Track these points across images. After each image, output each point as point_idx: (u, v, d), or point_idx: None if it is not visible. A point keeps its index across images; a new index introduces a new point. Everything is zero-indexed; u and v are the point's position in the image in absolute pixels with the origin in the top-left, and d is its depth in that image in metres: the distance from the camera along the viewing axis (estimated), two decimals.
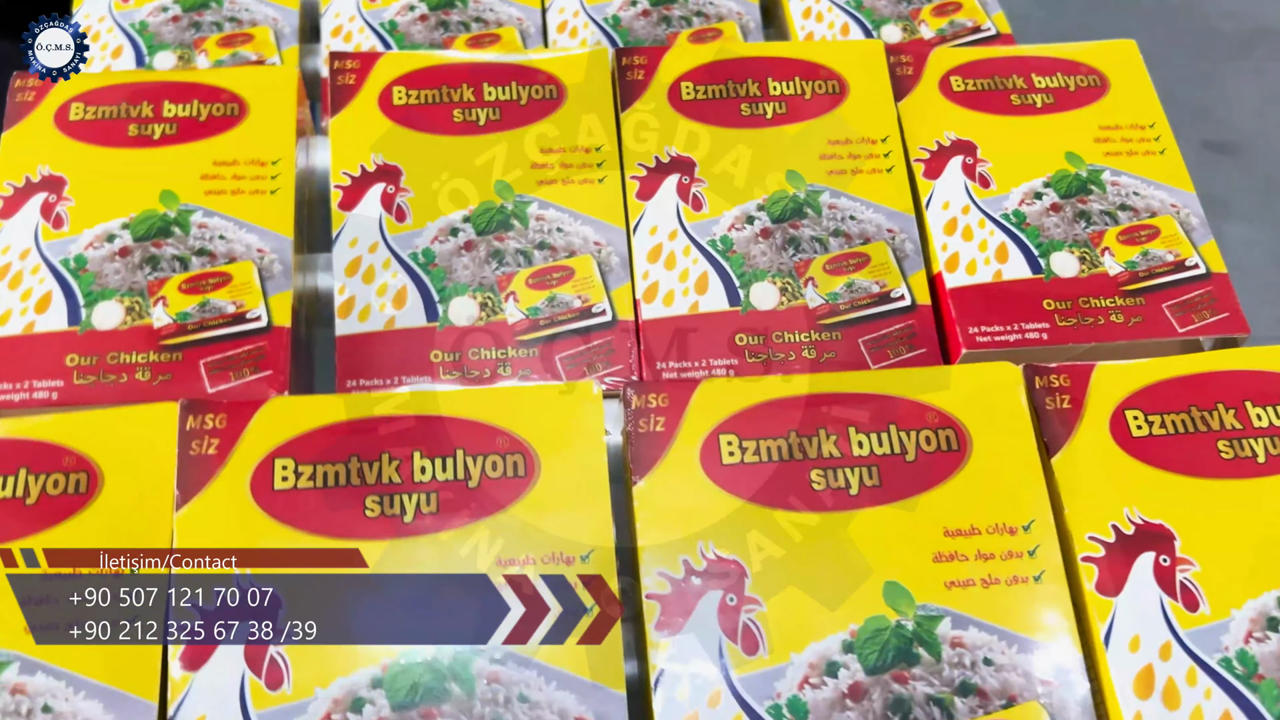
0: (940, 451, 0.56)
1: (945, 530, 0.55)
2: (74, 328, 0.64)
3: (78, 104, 0.70)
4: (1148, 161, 0.73)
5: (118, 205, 0.67)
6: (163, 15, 0.86)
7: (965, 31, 0.89)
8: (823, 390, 0.58)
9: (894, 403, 0.57)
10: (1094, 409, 0.58)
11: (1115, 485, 0.56)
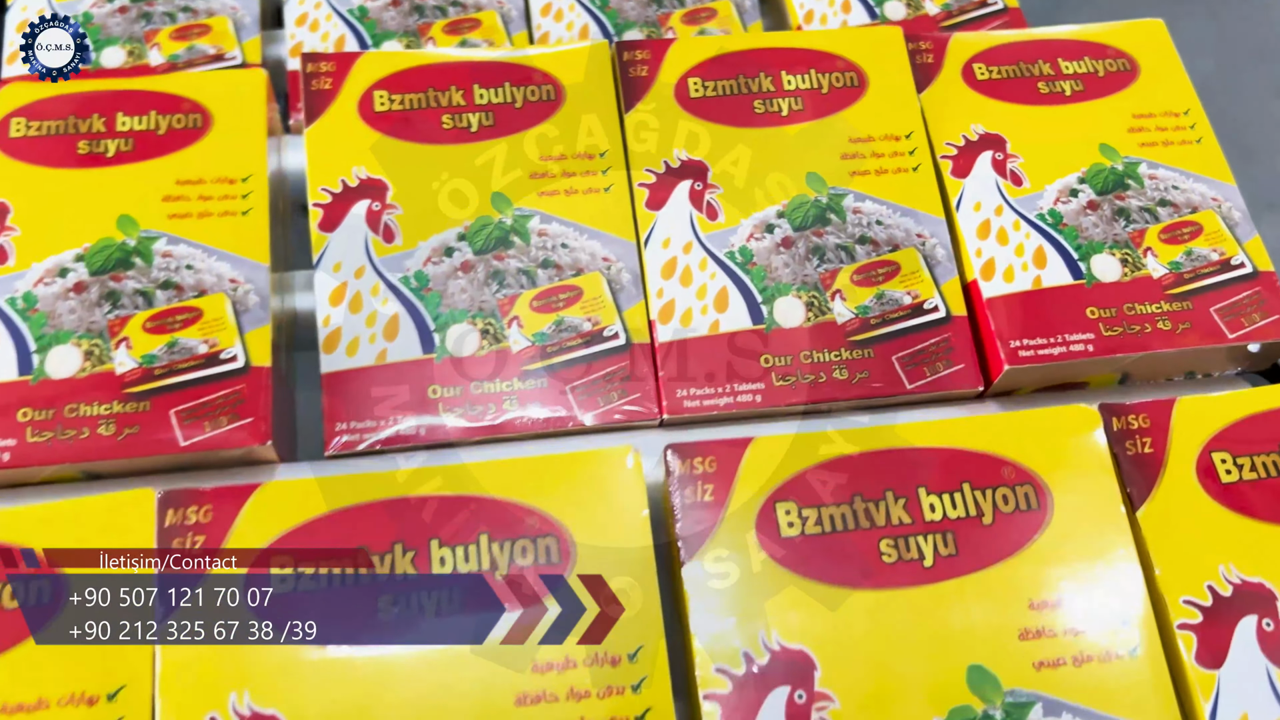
0: (1019, 511, 0.51)
1: (1031, 603, 0.50)
2: (25, 377, 0.56)
3: (18, 119, 0.62)
4: (1184, 151, 0.68)
5: (70, 234, 0.60)
6: (108, 6, 0.78)
7: (972, 5, 0.84)
8: (886, 445, 0.52)
9: (965, 457, 0.52)
10: (1178, 453, 0.53)
11: (1208, 540, 0.51)
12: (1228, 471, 0.52)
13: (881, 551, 0.51)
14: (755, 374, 0.61)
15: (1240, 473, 0.52)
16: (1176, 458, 0.52)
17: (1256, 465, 0.52)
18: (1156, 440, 0.53)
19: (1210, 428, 0.53)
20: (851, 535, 0.51)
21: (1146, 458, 0.52)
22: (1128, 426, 0.53)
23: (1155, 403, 0.54)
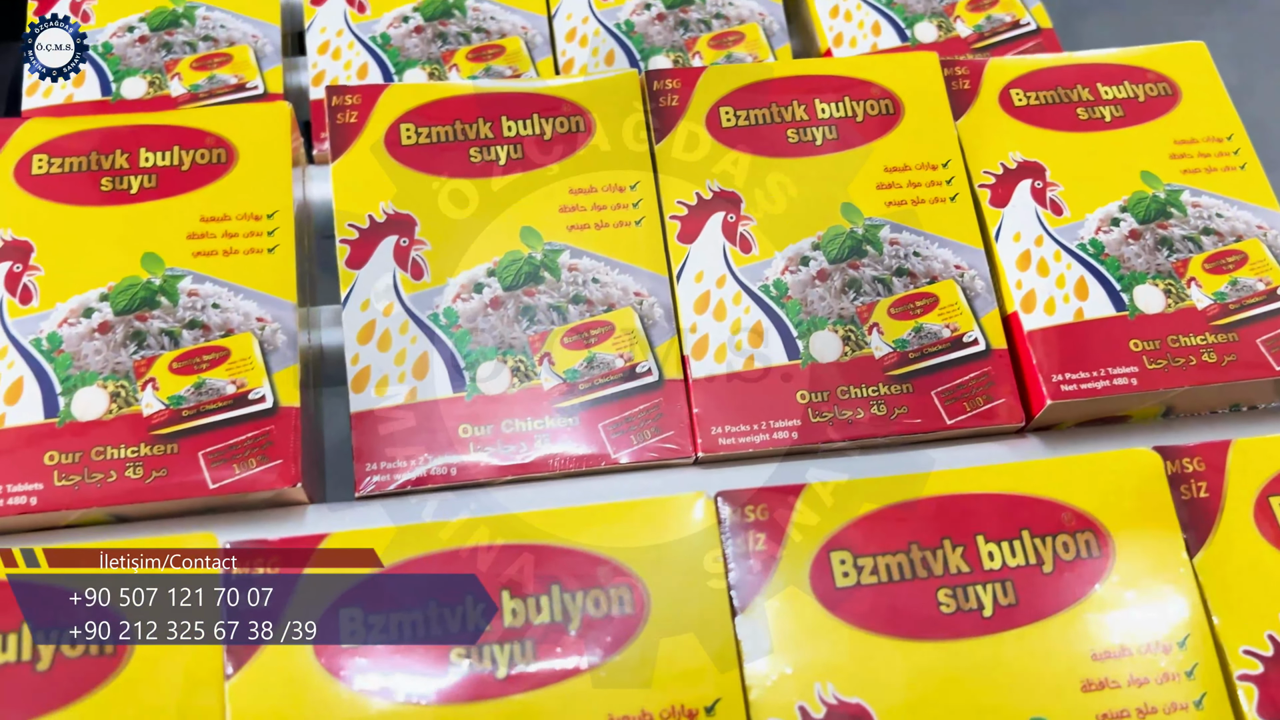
0: (1080, 559, 0.50)
1: (1093, 653, 0.48)
2: (51, 420, 0.56)
3: (40, 155, 0.61)
4: (1228, 178, 0.67)
5: (94, 273, 0.59)
6: (129, 36, 0.78)
7: (1004, 27, 0.82)
8: (943, 491, 0.51)
9: (1023, 503, 0.51)
10: (1234, 497, 0.51)
11: (1268, 587, 0.49)
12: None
13: (940, 601, 0.49)
14: (792, 410, 0.60)
15: None
16: (1233, 502, 0.51)
17: None
18: (1212, 484, 0.51)
19: (1267, 470, 0.52)
20: (908, 585, 0.49)
21: (1202, 502, 0.51)
22: (1182, 470, 0.52)
23: (1210, 445, 0.52)
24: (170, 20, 0.78)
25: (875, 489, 0.51)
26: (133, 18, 0.78)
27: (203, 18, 0.79)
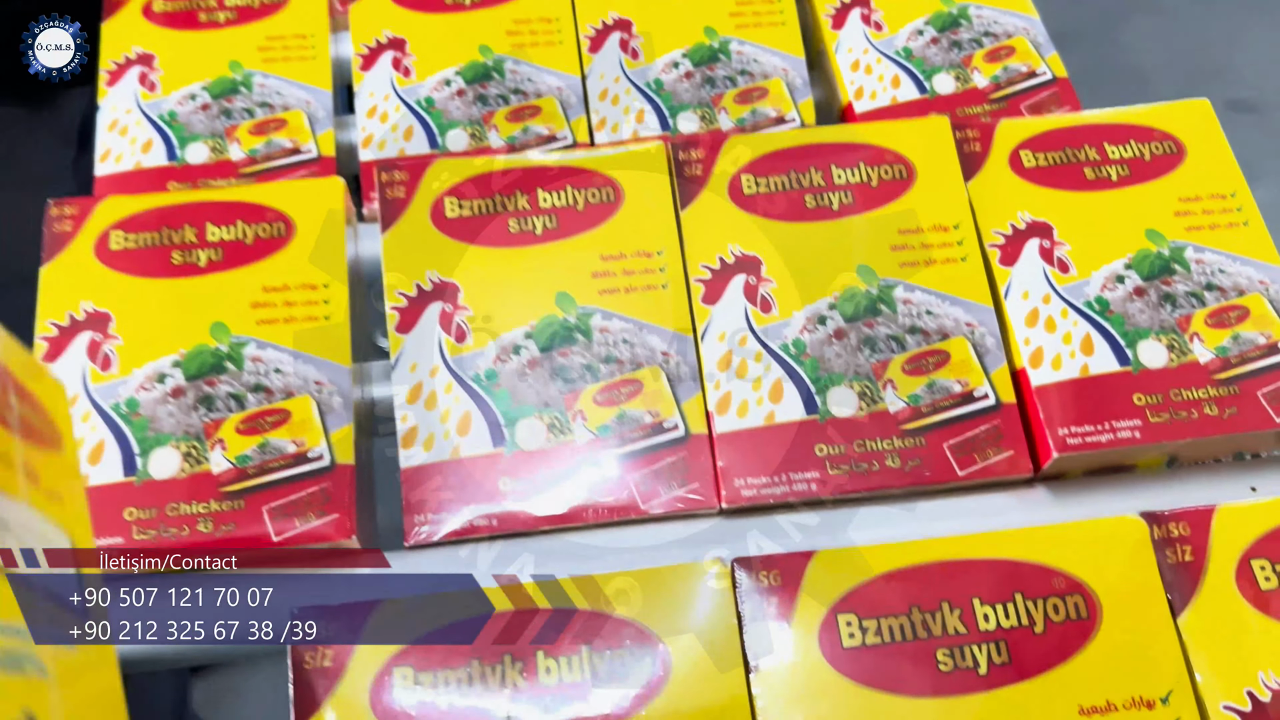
0: (1070, 621, 0.54)
1: (1080, 708, 0.52)
2: (130, 478, 0.61)
3: (117, 232, 0.67)
4: (1231, 234, 0.70)
5: (167, 341, 0.64)
6: (191, 104, 0.83)
7: (1020, 77, 0.86)
8: (943, 557, 0.55)
9: (1017, 568, 0.54)
10: (1217, 560, 0.55)
11: (1248, 646, 0.53)
12: (1267, 579, 0.54)
13: (938, 661, 0.53)
14: (811, 463, 0.64)
15: (1279, 579, 0.54)
16: (1216, 565, 0.54)
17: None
18: (1197, 548, 0.55)
19: (1249, 535, 0.55)
20: (910, 646, 0.53)
21: (1187, 565, 0.54)
22: (1169, 534, 0.55)
23: (1195, 511, 0.56)
24: (230, 88, 0.83)
25: (879, 556, 0.55)
26: (195, 86, 0.84)
27: (259, 85, 0.84)
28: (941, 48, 0.87)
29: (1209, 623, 0.53)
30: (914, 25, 0.88)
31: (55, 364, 0.63)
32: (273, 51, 0.85)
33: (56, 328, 0.64)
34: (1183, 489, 0.66)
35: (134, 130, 0.82)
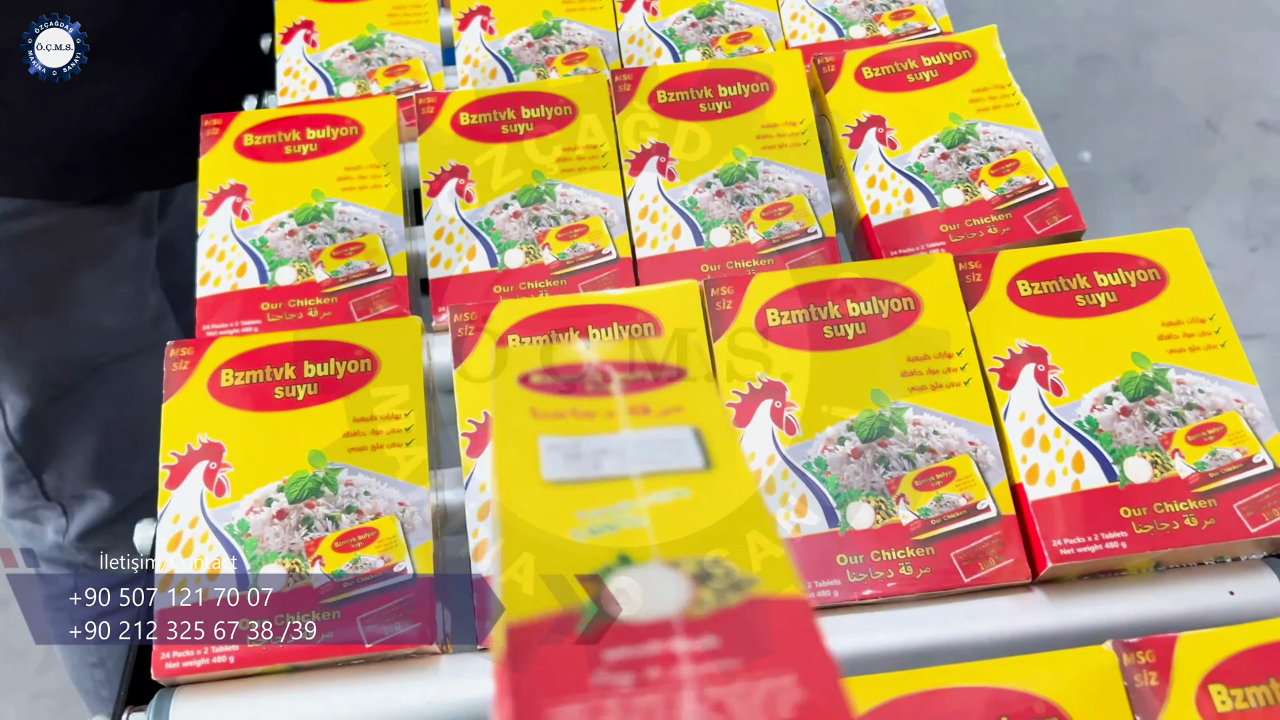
0: None
1: None
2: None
3: (227, 370, 0.76)
4: (1210, 356, 0.78)
5: (272, 469, 0.74)
6: (280, 230, 0.93)
7: (1024, 189, 0.94)
8: (934, 686, 0.62)
9: (1002, 695, 0.62)
10: (1179, 685, 0.62)
11: None
12: (1223, 702, 0.62)
13: None
14: (832, 572, 0.73)
15: (1234, 703, 0.62)
16: (1178, 690, 0.62)
17: (1249, 696, 0.62)
18: (1161, 673, 0.63)
19: (1208, 662, 0.63)
20: None
21: (1153, 690, 0.62)
22: (1136, 661, 0.63)
23: (1159, 639, 0.64)
24: (313, 215, 0.93)
25: (875, 686, 0.62)
26: (283, 214, 0.94)
27: (339, 212, 0.94)
28: (950, 163, 0.96)
29: None
30: (925, 143, 0.97)
31: (177, 490, 0.73)
32: (350, 180, 0.95)
33: (177, 457, 0.74)
34: (1167, 593, 0.74)
35: (230, 255, 0.92)
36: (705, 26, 1.14)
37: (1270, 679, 0.62)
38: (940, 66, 1.01)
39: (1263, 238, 2.41)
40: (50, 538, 1.37)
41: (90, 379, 1.26)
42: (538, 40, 1.13)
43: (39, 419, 1.26)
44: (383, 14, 1.15)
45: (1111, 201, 2.47)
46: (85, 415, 1.27)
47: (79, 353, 1.24)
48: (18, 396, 1.24)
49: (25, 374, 1.23)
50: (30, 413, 1.25)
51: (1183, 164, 2.56)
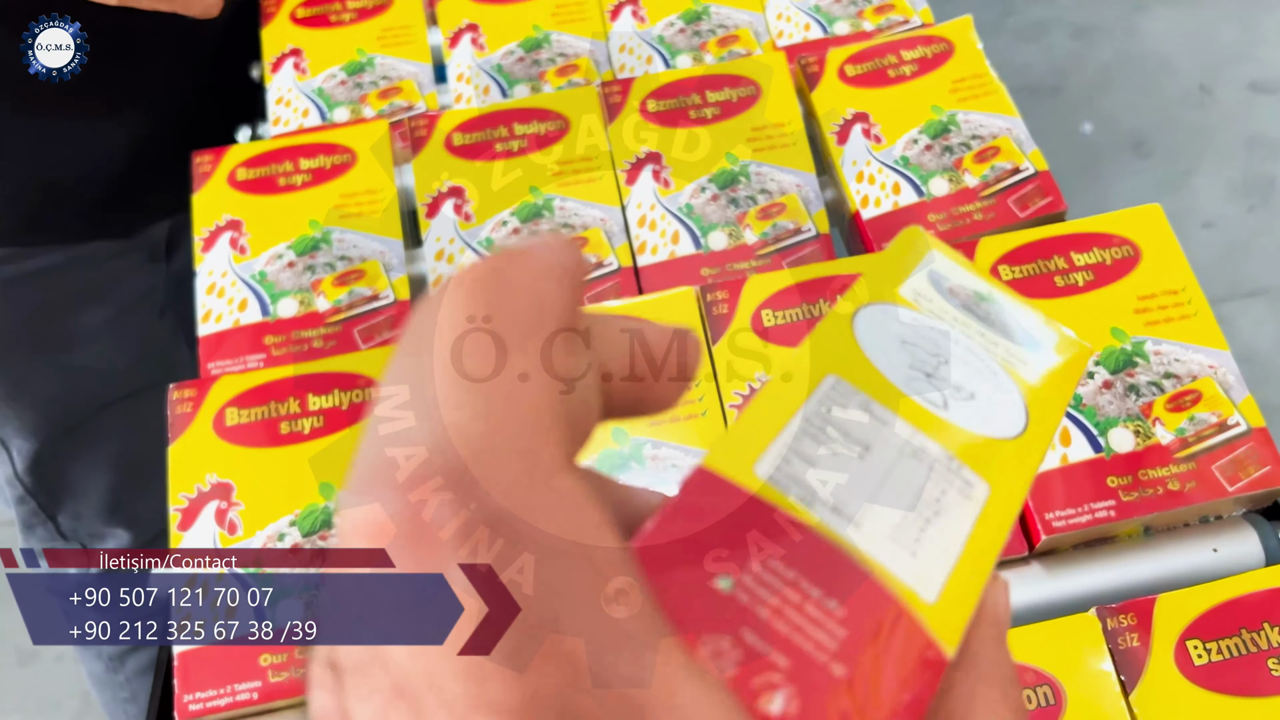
0: (1040, 708, 0.65)
1: None
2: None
3: (231, 409, 0.79)
4: (1183, 326, 0.80)
5: (283, 504, 0.76)
6: (279, 262, 0.95)
7: (1006, 174, 0.97)
8: None
9: None
10: (1159, 644, 0.65)
11: (1187, 715, 0.63)
12: (1199, 655, 0.65)
13: None
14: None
15: (1209, 655, 0.65)
16: (1158, 649, 0.65)
17: (1222, 648, 0.65)
18: (1142, 634, 0.65)
19: (1184, 620, 0.66)
20: None
21: (1134, 650, 0.65)
22: (1119, 624, 0.66)
23: (1139, 601, 0.66)
24: (312, 245, 0.96)
25: None
26: (281, 246, 0.96)
27: (338, 240, 0.96)
28: (934, 153, 0.99)
29: (1154, 698, 0.64)
30: (909, 135, 0.99)
31: (189, 531, 0.76)
32: (346, 208, 0.97)
33: (187, 499, 0.77)
34: (1156, 555, 0.77)
35: (230, 291, 0.94)
36: (694, 31, 1.17)
37: (1241, 629, 0.65)
38: (920, 60, 1.04)
39: (1260, 196, 2.42)
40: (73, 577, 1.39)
41: (99, 416, 1.26)
42: (529, 54, 1.16)
43: (48, 460, 1.27)
44: (371, 37, 1.17)
45: (1115, 170, 2.48)
46: (96, 453, 1.28)
47: (85, 390, 1.25)
48: (23, 439, 1.25)
49: (29, 415, 1.24)
50: (38, 454, 1.26)
51: (1181, 129, 2.57)
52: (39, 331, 1.22)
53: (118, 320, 1.27)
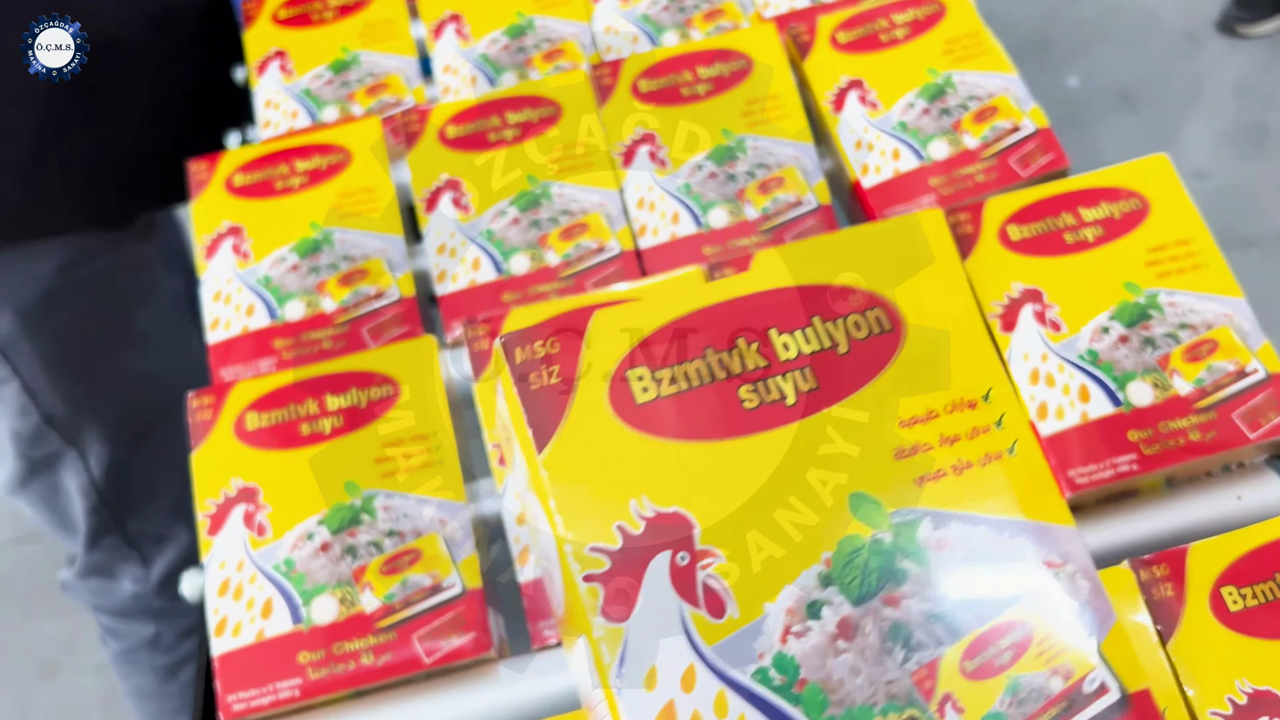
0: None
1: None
2: (299, 626, 0.73)
3: (251, 413, 0.79)
4: (1196, 276, 0.80)
5: (309, 503, 0.76)
6: (283, 266, 0.95)
7: (1006, 133, 0.96)
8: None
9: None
10: (1194, 592, 0.65)
11: (1225, 661, 0.63)
12: (1234, 602, 0.65)
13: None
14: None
15: (1244, 601, 0.65)
16: (1193, 597, 0.65)
17: (1257, 593, 0.65)
18: (1176, 584, 0.65)
19: (1218, 567, 0.66)
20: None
21: (1169, 600, 0.65)
22: (1153, 576, 0.66)
23: (1172, 552, 0.66)
24: (314, 247, 0.96)
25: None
26: (284, 249, 0.96)
27: (339, 240, 0.96)
28: (932, 116, 0.98)
29: (1192, 646, 0.64)
30: (906, 99, 0.99)
31: (219, 536, 0.76)
32: (345, 207, 0.97)
33: (214, 505, 0.77)
34: (1181, 506, 0.77)
35: (236, 298, 0.94)
36: (678, 7, 1.16)
37: (1275, 574, 0.65)
38: (911, 22, 1.03)
39: (1251, 144, 2.42)
40: (127, 589, 1.39)
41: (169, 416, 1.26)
42: (514, 41, 1.15)
43: (122, 465, 1.28)
44: (354, 34, 1.17)
45: (1104, 124, 2.48)
46: (165, 454, 1.27)
47: (150, 393, 1.26)
48: (101, 445, 1.25)
49: (105, 421, 1.25)
50: (113, 461, 1.27)
51: (1168, 79, 2.57)
52: (106, 336, 1.22)
53: (162, 322, 1.27)
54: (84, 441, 1.24)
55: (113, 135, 1.17)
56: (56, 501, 1.29)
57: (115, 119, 1.17)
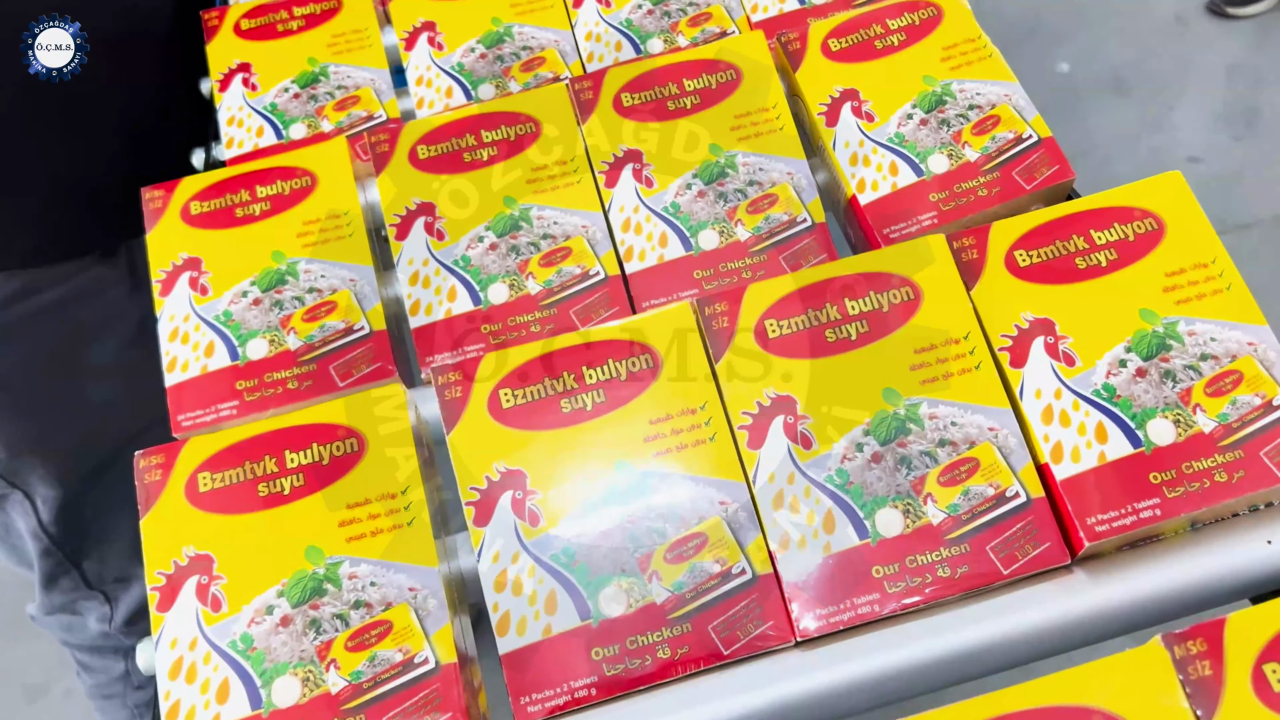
0: None
1: None
2: (257, 712, 0.67)
3: (203, 474, 0.73)
4: (1217, 302, 0.75)
5: (268, 573, 0.70)
6: (244, 300, 0.89)
7: (1008, 145, 0.91)
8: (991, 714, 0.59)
9: (1061, 713, 0.59)
10: (1234, 671, 0.59)
11: None
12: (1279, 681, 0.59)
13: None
14: (870, 585, 0.70)
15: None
16: (1233, 676, 0.59)
17: None
18: (1214, 661, 0.60)
19: (1259, 642, 0.60)
20: None
21: (1207, 680, 0.59)
22: (1188, 652, 0.60)
23: (1208, 625, 0.60)
24: (277, 279, 0.90)
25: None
26: (245, 283, 0.90)
27: (304, 271, 0.90)
28: (931, 128, 0.93)
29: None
30: (903, 110, 0.93)
31: (170, 612, 0.70)
32: (310, 236, 0.91)
33: (165, 576, 0.71)
34: (1207, 552, 0.71)
35: (194, 336, 0.88)
36: (663, 12, 1.10)
37: None
38: (907, 28, 0.98)
39: (1244, 126, 2.37)
40: (93, 627, 1.34)
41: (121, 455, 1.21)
42: (490, 50, 1.09)
43: (74, 506, 1.22)
44: (321, 45, 1.11)
45: (1096, 109, 2.43)
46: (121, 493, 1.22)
47: (104, 430, 1.20)
48: (48, 488, 1.20)
49: (54, 462, 1.19)
50: (64, 502, 1.21)
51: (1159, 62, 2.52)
52: (56, 372, 1.16)
53: (123, 352, 1.21)
54: (30, 484, 1.18)
55: (70, 164, 1.11)
56: (10, 540, 1.24)
57: (71, 148, 1.10)
